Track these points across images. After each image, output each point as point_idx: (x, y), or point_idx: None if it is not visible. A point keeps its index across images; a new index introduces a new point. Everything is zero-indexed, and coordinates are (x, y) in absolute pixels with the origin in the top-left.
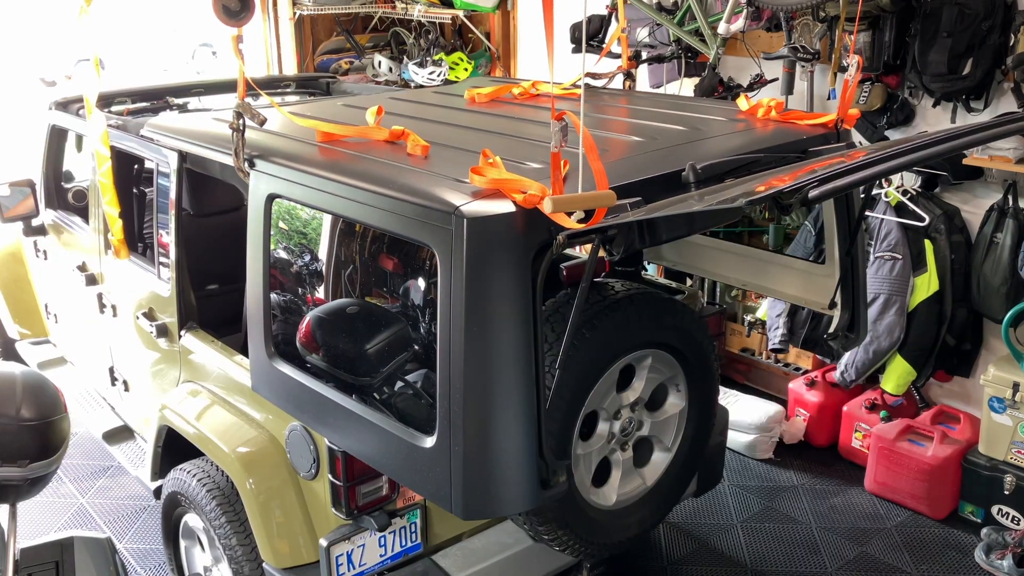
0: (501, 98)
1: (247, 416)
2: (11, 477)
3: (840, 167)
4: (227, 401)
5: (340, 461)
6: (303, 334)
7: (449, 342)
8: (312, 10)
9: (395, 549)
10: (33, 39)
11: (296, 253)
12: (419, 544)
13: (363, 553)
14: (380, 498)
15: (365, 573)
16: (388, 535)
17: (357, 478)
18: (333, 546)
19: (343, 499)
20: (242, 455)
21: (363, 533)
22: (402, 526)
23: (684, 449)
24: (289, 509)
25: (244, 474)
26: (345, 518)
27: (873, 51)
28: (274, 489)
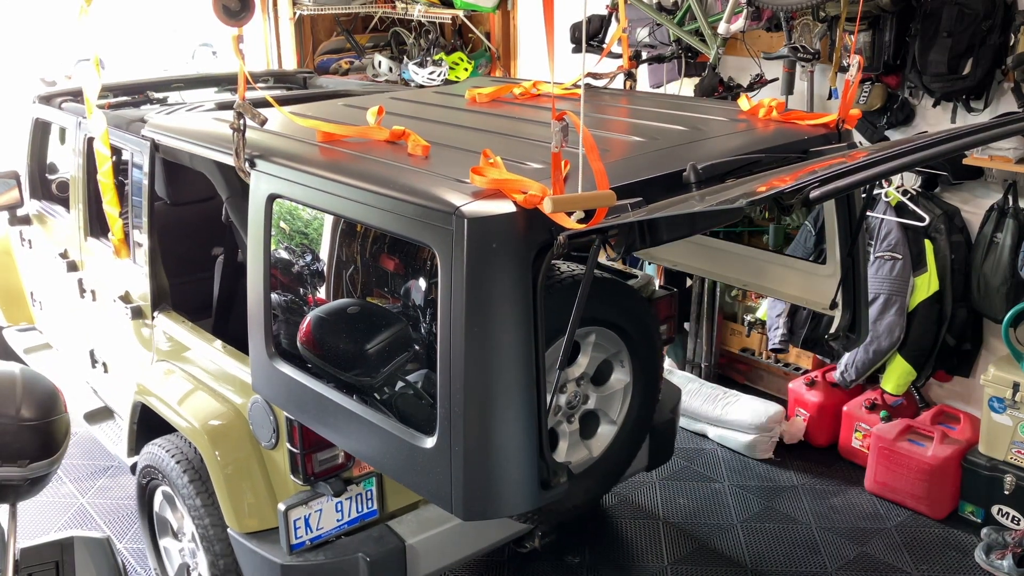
0: (502, 98)
1: (215, 392)
2: (11, 477)
3: (841, 167)
4: (196, 378)
5: (297, 430)
6: (303, 334)
7: (449, 342)
8: (312, 10)
9: (352, 515)
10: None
11: (297, 253)
12: (375, 511)
13: (320, 518)
14: (336, 466)
15: (322, 537)
16: (345, 501)
17: (313, 446)
18: (291, 510)
19: (300, 466)
20: (209, 428)
21: (320, 499)
22: (358, 493)
23: (629, 423)
24: (252, 478)
25: (211, 446)
26: (303, 484)
27: (873, 51)
28: (238, 460)
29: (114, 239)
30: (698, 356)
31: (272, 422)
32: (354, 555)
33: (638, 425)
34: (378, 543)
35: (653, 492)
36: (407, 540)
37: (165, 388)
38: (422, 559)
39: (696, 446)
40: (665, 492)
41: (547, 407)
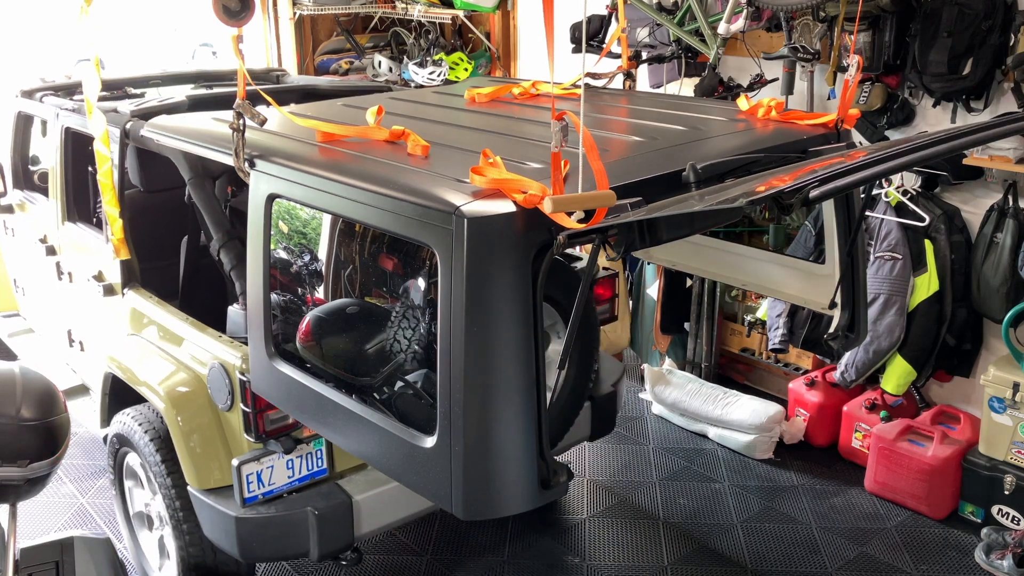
0: (501, 98)
1: (178, 361)
2: (11, 477)
3: (840, 167)
4: (162, 349)
5: (248, 391)
6: (303, 334)
7: (449, 342)
8: (312, 10)
9: (302, 472)
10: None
11: (296, 253)
12: (325, 469)
13: (272, 474)
14: (286, 425)
15: (274, 492)
16: (295, 459)
17: (264, 406)
18: (243, 465)
19: (252, 425)
20: (171, 394)
21: (272, 456)
22: (308, 452)
23: (566, 391)
24: (210, 439)
25: (173, 411)
26: (255, 442)
27: (873, 51)
28: (198, 422)
29: (114, 239)
30: (698, 356)
31: (227, 386)
32: (303, 509)
33: (573, 395)
34: (326, 498)
35: (653, 492)
36: (354, 496)
37: (132, 359)
38: (368, 515)
39: (696, 446)
40: (665, 492)
41: (547, 407)
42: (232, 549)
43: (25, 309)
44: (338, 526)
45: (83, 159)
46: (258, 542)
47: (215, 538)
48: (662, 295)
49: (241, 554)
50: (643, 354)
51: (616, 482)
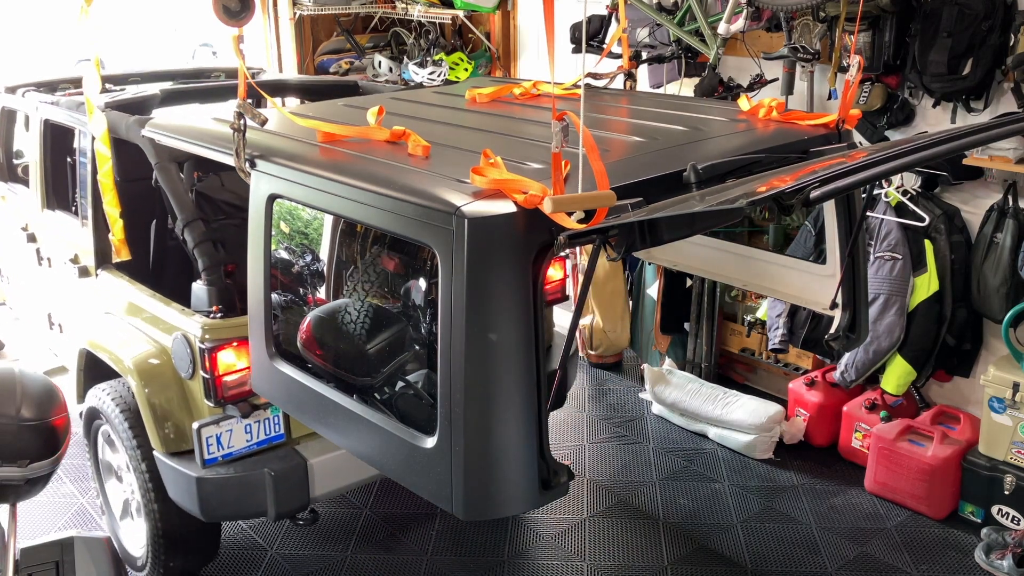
0: (502, 98)
1: (146, 335)
2: (11, 477)
3: (841, 168)
4: (131, 324)
5: (207, 358)
6: (304, 334)
7: (450, 342)
8: (312, 10)
9: (260, 436)
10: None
11: (297, 253)
12: (282, 435)
13: (231, 437)
14: (244, 391)
15: (233, 454)
16: (253, 424)
17: (223, 372)
18: (203, 428)
19: (211, 390)
20: (139, 367)
21: (230, 420)
22: (266, 417)
23: None
24: (174, 406)
25: (140, 381)
26: (215, 407)
27: (873, 51)
28: (163, 391)
29: (114, 239)
30: (698, 356)
31: (189, 355)
32: (260, 470)
33: None
34: (283, 460)
35: (653, 492)
36: (309, 460)
37: (105, 335)
38: (322, 477)
39: (696, 446)
40: (665, 492)
41: (547, 406)
42: (194, 508)
43: (10, 298)
44: (294, 487)
45: (61, 150)
46: (218, 501)
47: (178, 499)
48: (662, 295)
49: (202, 513)
50: (643, 354)
51: (616, 482)
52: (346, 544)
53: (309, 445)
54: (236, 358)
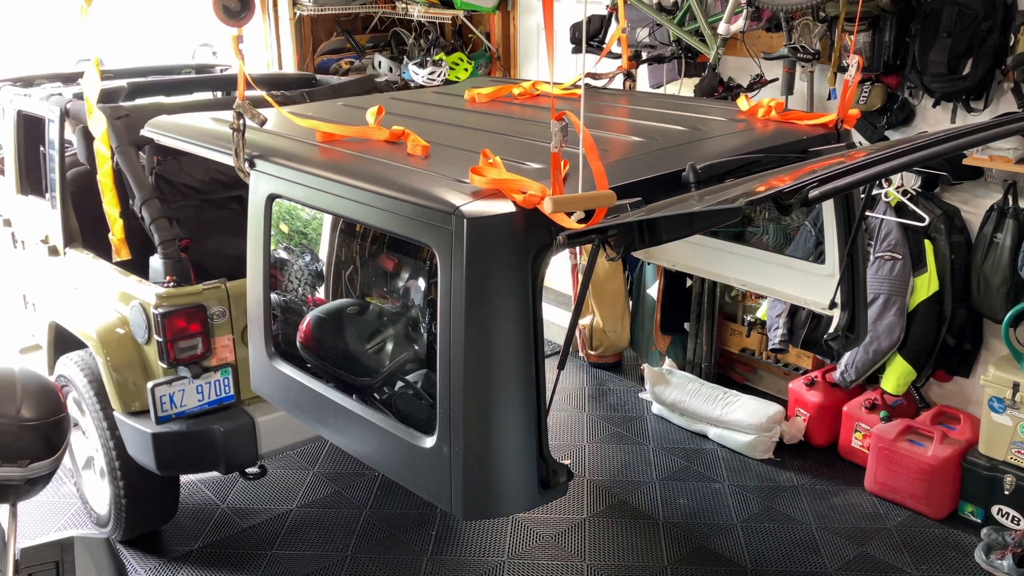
0: (501, 98)
1: (107, 306)
2: (11, 477)
3: (840, 167)
4: (95, 298)
5: (160, 323)
6: (303, 334)
7: (449, 342)
8: (312, 10)
9: (211, 397)
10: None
11: (296, 253)
12: (232, 396)
13: (183, 396)
14: (196, 354)
15: (186, 413)
16: (204, 385)
17: (175, 336)
18: (157, 388)
19: (165, 353)
20: (101, 336)
21: (182, 381)
22: (216, 379)
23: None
24: (133, 370)
25: (102, 348)
26: (168, 368)
27: (873, 51)
28: (122, 357)
29: (114, 239)
30: (698, 356)
31: (145, 321)
32: (211, 427)
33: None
34: (232, 419)
35: (653, 492)
36: (256, 418)
37: (71, 308)
38: (269, 435)
39: (696, 446)
40: (665, 492)
41: (547, 406)
42: (150, 463)
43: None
44: (242, 444)
45: (35, 138)
46: (172, 456)
47: (136, 455)
48: (662, 295)
49: (157, 466)
50: (643, 354)
51: (616, 482)
52: (346, 544)
53: (257, 406)
54: (187, 324)
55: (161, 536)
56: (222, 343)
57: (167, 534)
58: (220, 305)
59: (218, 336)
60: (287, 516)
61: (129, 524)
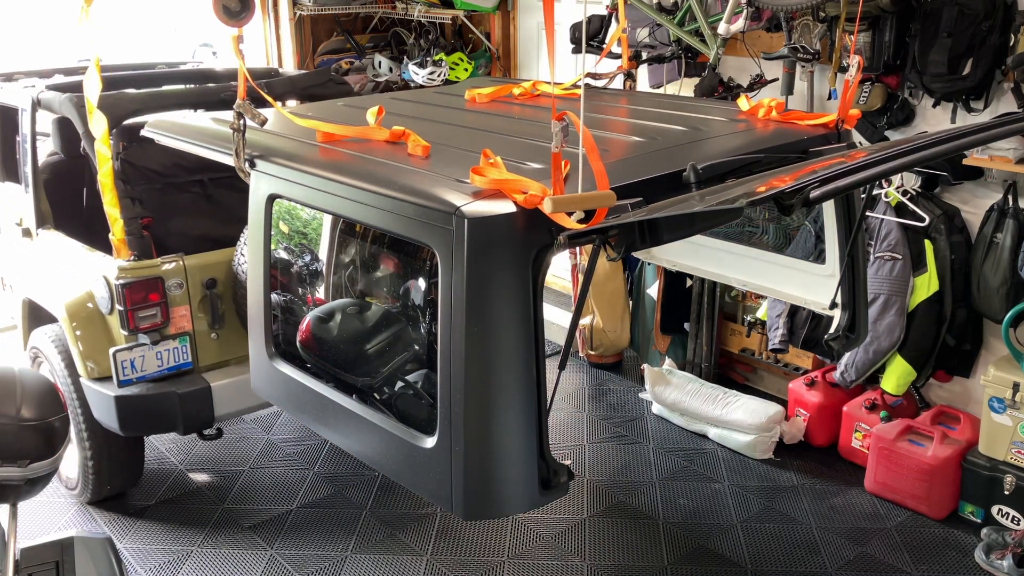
0: (501, 98)
1: (75, 281)
2: (11, 477)
3: (841, 167)
4: (65, 274)
5: (121, 293)
6: (303, 334)
7: (450, 342)
8: (312, 10)
9: (170, 363)
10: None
11: (296, 253)
12: (190, 362)
13: (143, 362)
14: (155, 323)
15: (146, 377)
16: (163, 352)
17: (135, 305)
18: (118, 353)
19: (125, 321)
20: (69, 308)
21: (142, 347)
22: (175, 347)
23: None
24: (97, 339)
25: (69, 319)
26: (129, 335)
27: (873, 51)
28: (88, 327)
29: (114, 239)
30: (698, 356)
31: (108, 292)
32: (170, 391)
33: None
34: (189, 383)
35: (653, 492)
36: (212, 383)
37: (42, 283)
38: (223, 399)
39: (696, 446)
40: (665, 492)
41: (547, 406)
42: (113, 424)
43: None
44: (199, 406)
45: (12, 128)
46: (133, 417)
47: (101, 417)
48: (662, 295)
49: (120, 427)
50: (643, 354)
51: (616, 482)
52: (346, 544)
53: (213, 373)
54: (146, 294)
55: (161, 534)
56: (180, 313)
57: (167, 533)
58: (177, 277)
59: (176, 307)
60: (287, 516)
61: (96, 486)
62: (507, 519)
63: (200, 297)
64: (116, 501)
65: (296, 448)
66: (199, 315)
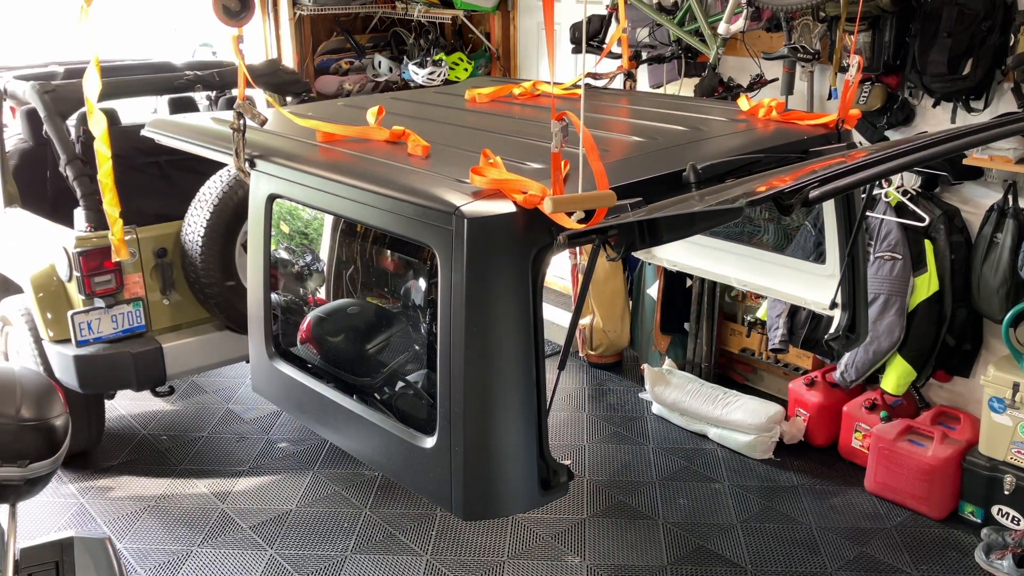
0: (501, 98)
1: (39, 254)
2: (11, 477)
3: (841, 167)
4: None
5: (77, 260)
6: (303, 334)
7: (449, 342)
8: (312, 10)
9: (125, 325)
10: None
11: (296, 253)
12: (143, 325)
13: (99, 324)
14: (110, 288)
15: (103, 339)
16: (118, 315)
17: (91, 272)
18: (76, 316)
19: (82, 286)
20: (35, 279)
21: (98, 310)
22: (128, 311)
23: None
24: (58, 305)
25: (34, 289)
26: (85, 299)
27: (873, 51)
28: (50, 294)
29: (114, 239)
30: (698, 356)
31: (67, 262)
32: (124, 350)
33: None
34: (142, 344)
35: (653, 492)
36: (163, 344)
37: (11, 258)
38: (174, 359)
39: (696, 446)
40: (665, 492)
41: (547, 406)
42: (73, 382)
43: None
44: (151, 365)
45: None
46: (91, 375)
47: (62, 376)
48: (662, 295)
49: (79, 385)
50: (643, 354)
51: (616, 482)
52: (346, 544)
53: (165, 335)
54: (101, 262)
55: (161, 535)
56: (133, 280)
57: (167, 533)
58: (131, 247)
59: (129, 274)
60: (287, 516)
61: None
62: (507, 519)
63: (152, 265)
64: (116, 501)
65: (296, 448)
66: (151, 282)
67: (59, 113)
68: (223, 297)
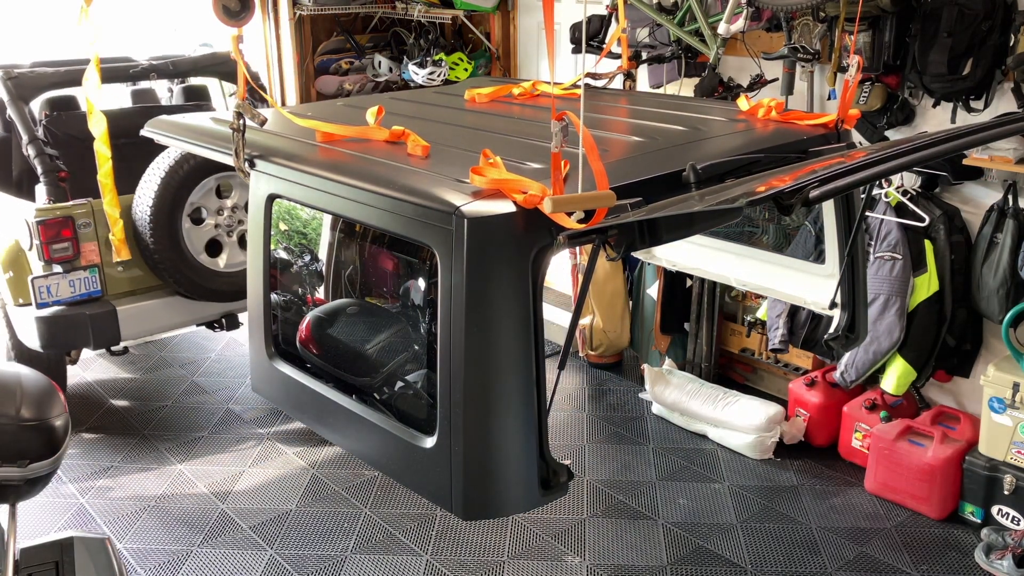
0: (501, 98)
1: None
2: (11, 477)
3: (840, 167)
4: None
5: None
6: (303, 334)
7: (449, 342)
8: (312, 10)
9: (82, 290)
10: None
11: (296, 253)
12: (99, 290)
13: (58, 288)
14: (67, 255)
15: (62, 302)
16: (75, 280)
17: (49, 240)
18: (35, 280)
19: (41, 253)
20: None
21: (56, 275)
22: (85, 276)
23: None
24: (22, 271)
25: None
26: (45, 265)
27: (873, 51)
28: (15, 263)
29: (114, 239)
30: (698, 356)
31: (28, 232)
32: (81, 312)
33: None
34: (98, 307)
35: (653, 492)
36: (117, 307)
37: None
38: (128, 322)
39: (696, 446)
40: (665, 492)
41: (547, 406)
42: (35, 342)
43: None
44: (107, 327)
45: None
46: (51, 335)
47: (24, 337)
48: (662, 295)
49: (41, 344)
50: (643, 354)
51: (616, 482)
52: (346, 544)
53: (120, 300)
54: (59, 231)
55: (161, 535)
56: (89, 248)
57: (167, 533)
58: (87, 218)
59: (85, 242)
60: (287, 516)
61: None
62: (507, 519)
63: (106, 236)
64: (116, 501)
65: (296, 449)
66: (106, 250)
67: (21, 98)
68: (171, 264)
